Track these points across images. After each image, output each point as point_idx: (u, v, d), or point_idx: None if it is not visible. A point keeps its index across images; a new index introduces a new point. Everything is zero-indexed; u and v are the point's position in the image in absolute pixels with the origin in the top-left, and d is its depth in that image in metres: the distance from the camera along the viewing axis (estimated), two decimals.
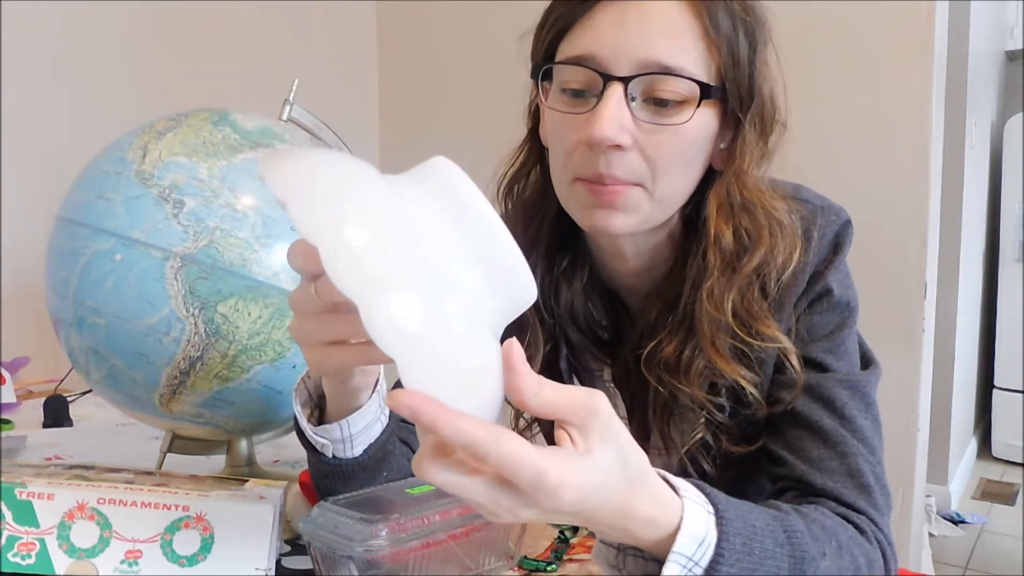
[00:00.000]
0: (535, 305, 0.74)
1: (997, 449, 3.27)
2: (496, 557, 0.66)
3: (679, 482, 0.50)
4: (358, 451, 0.67)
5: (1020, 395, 3.18)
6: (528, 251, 0.75)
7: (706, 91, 0.62)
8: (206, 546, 0.61)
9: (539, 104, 0.74)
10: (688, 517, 0.48)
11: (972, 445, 3.25)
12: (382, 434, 0.68)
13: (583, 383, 0.80)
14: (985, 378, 3.36)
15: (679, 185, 0.67)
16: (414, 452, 0.79)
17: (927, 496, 2.26)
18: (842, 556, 0.57)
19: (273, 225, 0.77)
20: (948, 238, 2.42)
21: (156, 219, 0.75)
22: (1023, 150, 3.09)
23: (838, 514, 0.61)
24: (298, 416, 0.67)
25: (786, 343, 0.67)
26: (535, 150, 0.75)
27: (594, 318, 0.77)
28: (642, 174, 0.64)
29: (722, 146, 0.68)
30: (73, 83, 1.67)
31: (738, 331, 0.67)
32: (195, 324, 0.75)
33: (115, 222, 0.75)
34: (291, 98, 1.01)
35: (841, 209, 0.72)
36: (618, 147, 0.62)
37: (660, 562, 0.48)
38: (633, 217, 0.65)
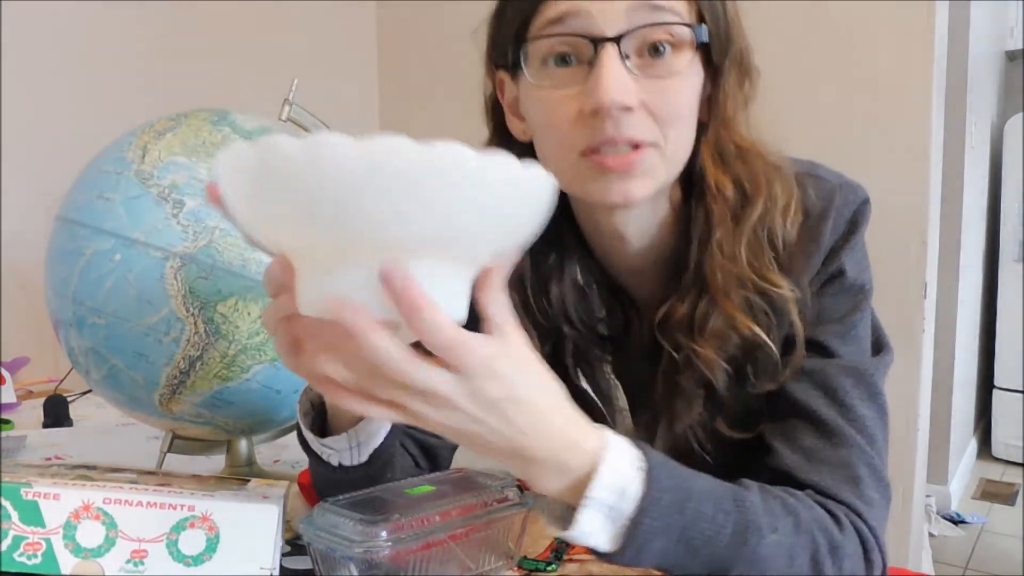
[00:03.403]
0: (526, 308, 0.74)
1: (997, 449, 3.27)
2: (496, 557, 0.66)
3: (609, 431, 0.52)
4: (364, 458, 0.67)
5: (1020, 395, 3.18)
6: None
7: (699, 33, 0.62)
8: (211, 546, 0.61)
9: (498, 99, 0.72)
10: (607, 465, 0.50)
11: (972, 445, 3.25)
12: (387, 437, 0.68)
13: (587, 377, 0.79)
14: (985, 378, 3.36)
15: (685, 140, 0.65)
16: (418, 445, 0.79)
17: (927, 496, 2.26)
18: (799, 534, 0.56)
19: None
20: (948, 238, 2.42)
21: (156, 219, 0.75)
22: (1023, 150, 3.09)
23: (817, 501, 0.60)
24: (302, 428, 0.67)
25: (787, 292, 0.65)
26: (502, 147, 0.73)
27: (591, 313, 0.75)
28: (654, 133, 0.62)
29: (708, 96, 0.66)
30: (73, 83, 1.67)
31: (753, 279, 0.65)
32: (195, 324, 0.75)
33: (115, 222, 0.75)
34: (291, 98, 1.01)
35: (859, 187, 0.69)
36: (627, 109, 0.60)
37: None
38: (651, 179, 0.64)
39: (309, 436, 0.67)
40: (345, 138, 0.38)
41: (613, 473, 0.50)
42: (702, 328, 0.67)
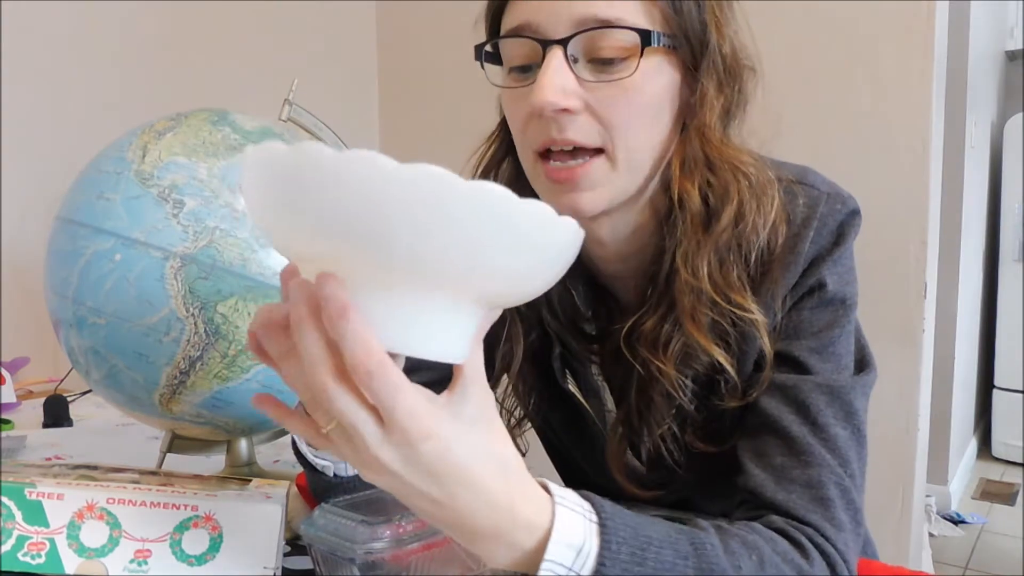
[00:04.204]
0: (518, 313, 0.72)
1: (997, 449, 3.27)
2: None
3: (557, 488, 0.48)
4: None
5: (1020, 395, 3.18)
6: None
7: (646, 37, 0.59)
8: (215, 545, 0.61)
9: None
10: (560, 523, 0.46)
11: (972, 445, 3.25)
12: None
13: (577, 381, 0.79)
14: (985, 378, 3.36)
15: (644, 146, 0.63)
16: None
17: (927, 496, 2.27)
18: (764, 570, 0.53)
19: None
20: (948, 238, 2.42)
21: (156, 219, 0.75)
22: (1023, 150, 3.09)
23: (778, 528, 0.57)
24: (296, 440, 0.66)
25: (757, 315, 0.63)
26: (506, 138, 0.72)
27: (577, 309, 0.74)
28: (602, 137, 0.61)
29: (692, 100, 0.65)
30: (73, 83, 1.67)
31: (716, 299, 0.63)
32: (195, 324, 0.75)
33: (115, 222, 0.75)
34: (291, 98, 1.01)
35: (849, 197, 0.67)
36: (565, 111, 0.59)
37: None
38: (601, 192, 0.63)
39: (304, 448, 0.66)
40: (383, 158, 0.36)
41: (566, 530, 0.46)
42: (665, 347, 0.65)
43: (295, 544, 0.73)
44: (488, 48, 0.66)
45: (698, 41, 0.63)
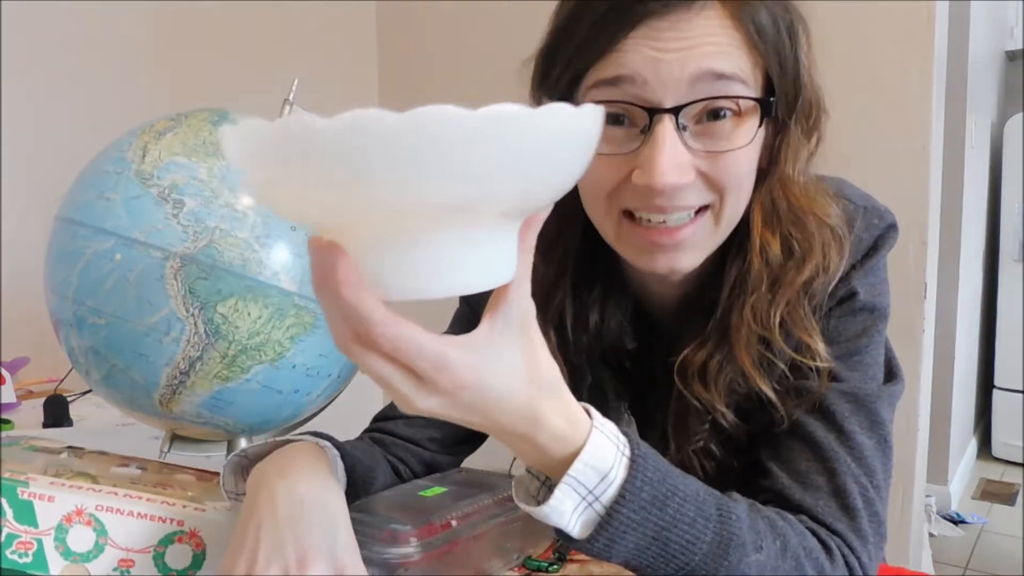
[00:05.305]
0: (563, 349, 0.69)
1: (997, 449, 3.27)
2: (504, 556, 0.66)
3: (599, 415, 0.49)
4: None
5: (1020, 395, 3.18)
6: (554, 290, 0.68)
7: (766, 107, 0.57)
8: (197, 562, 0.61)
9: None
10: (593, 445, 0.47)
11: (972, 445, 3.25)
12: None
13: (600, 409, 0.77)
14: (985, 378, 3.36)
15: (743, 202, 0.61)
16: (421, 462, 0.77)
17: (927, 496, 2.26)
18: (784, 559, 0.52)
19: (273, 225, 0.77)
20: (948, 238, 2.42)
21: (156, 219, 0.75)
22: (1023, 150, 3.09)
23: (809, 528, 0.57)
24: (222, 483, 0.63)
25: (826, 357, 0.62)
26: None
27: (623, 348, 0.71)
28: (709, 198, 0.59)
29: (773, 145, 0.63)
30: (73, 83, 1.67)
31: (782, 345, 0.62)
32: (195, 324, 0.75)
33: (115, 222, 0.75)
34: (291, 98, 1.01)
35: (886, 211, 0.66)
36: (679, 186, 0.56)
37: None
38: (700, 251, 0.60)
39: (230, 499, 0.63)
40: (319, 118, 0.34)
41: (597, 453, 0.47)
42: (716, 379, 0.64)
43: None
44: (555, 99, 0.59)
45: (792, 94, 0.60)
